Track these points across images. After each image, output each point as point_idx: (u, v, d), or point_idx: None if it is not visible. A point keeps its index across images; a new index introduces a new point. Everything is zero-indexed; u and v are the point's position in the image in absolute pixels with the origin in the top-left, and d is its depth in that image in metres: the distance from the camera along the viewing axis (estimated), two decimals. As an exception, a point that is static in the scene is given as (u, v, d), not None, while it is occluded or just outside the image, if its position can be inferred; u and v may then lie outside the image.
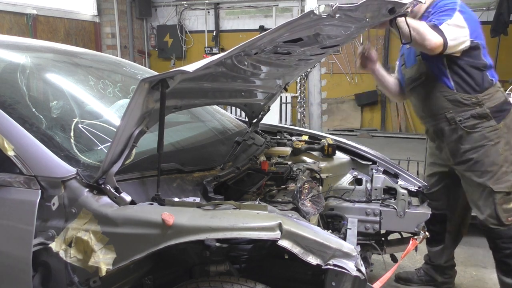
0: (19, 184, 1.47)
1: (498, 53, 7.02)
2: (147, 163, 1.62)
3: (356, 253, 1.31)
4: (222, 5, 9.45)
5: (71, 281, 1.39)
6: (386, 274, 2.03)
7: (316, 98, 5.48)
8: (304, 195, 1.87)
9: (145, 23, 9.91)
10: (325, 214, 2.28)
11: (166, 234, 1.31)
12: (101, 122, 1.85)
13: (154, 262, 1.56)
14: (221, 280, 1.48)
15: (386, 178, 2.42)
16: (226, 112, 2.95)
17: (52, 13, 7.77)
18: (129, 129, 1.41)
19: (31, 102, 1.76)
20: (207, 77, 1.77)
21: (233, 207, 1.39)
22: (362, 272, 1.30)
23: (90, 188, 1.43)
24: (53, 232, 1.42)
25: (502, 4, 6.61)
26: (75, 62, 2.33)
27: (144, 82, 1.32)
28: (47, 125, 1.67)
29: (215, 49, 9.06)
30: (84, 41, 8.56)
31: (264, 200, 1.75)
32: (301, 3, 8.65)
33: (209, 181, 1.69)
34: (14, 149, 1.47)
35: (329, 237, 1.33)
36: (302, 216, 1.58)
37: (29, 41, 2.79)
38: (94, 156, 1.62)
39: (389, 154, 2.86)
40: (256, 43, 1.48)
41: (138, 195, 1.51)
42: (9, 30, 6.94)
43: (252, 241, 1.47)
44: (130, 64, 2.90)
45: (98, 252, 1.35)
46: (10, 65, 2.00)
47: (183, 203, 1.44)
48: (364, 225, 2.34)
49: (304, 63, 2.36)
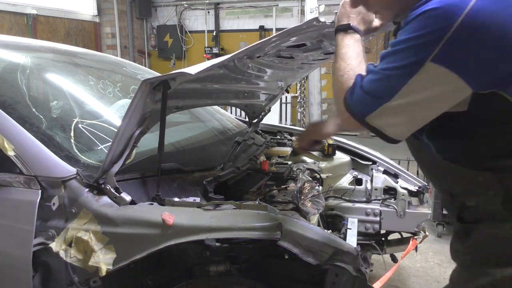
0: (19, 184, 1.47)
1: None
2: (147, 163, 1.62)
3: (356, 253, 1.31)
4: (222, 5, 9.45)
5: (71, 281, 1.39)
6: (386, 274, 2.04)
7: (316, 98, 5.50)
8: (304, 195, 1.87)
9: (145, 23, 9.91)
10: (325, 214, 2.28)
11: (166, 234, 1.31)
12: (101, 122, 1.86)
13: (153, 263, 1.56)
14: (221, 280, 1.48)
15: (386, 178, 2.42)
16: (226, 112, 2.95)
17: (52, 13, 7.77)
18: (130, 129, 1.41)
19: (31, 102, 1.76)
20: (209, 78, 1.78)
21: (233, 207, 1.39)
22: (362, 272, 1.30)
23: (90, 188, 1.43)
24: (53, 232, 1.42)
25: (502, 4, 6.62)
26: (75, 62, 2.33)
27: (146, 83, 1.32)
28: (47, 125, 1.67)
29: (215, 49, 9.06)
30: (84, 41, 8.56)
31: (264, 200, 1.75)
32: (301, 3, 8.64)
33: (209, 181, 1.69)
34: (14, 149, 1.47)
35: (329, 237, 1.33)
36: (302, 216, 1.58)
37: (29, 41, 2.79)
38: (94, 156, 1.62)
39: (389, 154, 2.86)
40: (259, 49, 1.48)
41: (138, 195, 1.51)
42: (9, 30, 6.94)
43: (252, 241, 1.47)
44: (130, 64, 2.90)
45: (98, 252, 1.35)
46: (10, 65, 2.00)
47: (183, 203, 1.44)
48: (364, 225, 2.34)
49: (307, 66, 2.36)
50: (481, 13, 0.82)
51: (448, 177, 1.11)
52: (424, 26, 0.88)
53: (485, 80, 0.87)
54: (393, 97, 0.93)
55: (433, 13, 0.86)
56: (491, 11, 0.83)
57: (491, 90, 0.88)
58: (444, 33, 0.85)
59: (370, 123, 0.97)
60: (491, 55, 0.85)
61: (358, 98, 0.99)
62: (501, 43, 0.84)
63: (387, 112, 0.95)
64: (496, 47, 0.84)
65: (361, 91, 0.98)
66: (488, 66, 0.86)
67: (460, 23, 0.83)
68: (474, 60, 0.85)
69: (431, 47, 0.86)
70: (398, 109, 0.94)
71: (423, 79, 0.89)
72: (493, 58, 0.85)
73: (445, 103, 0.93)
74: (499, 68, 0.86)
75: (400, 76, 0.92)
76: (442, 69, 0.87)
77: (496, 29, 0.83)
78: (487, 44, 0.84)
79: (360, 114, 0.98)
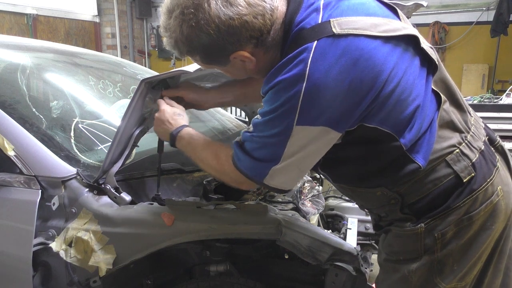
0: (19, 184, 1.47)
1: (498, 53, 7.01)
2: (147, 163, 1.62)
3: (356, 253, 1.31)
4: (222, 5, 9.43)
5: (71, 281, 1.39)
6: (386, 274, 2.03)
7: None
8: (304, 195, 1.87)
9: (145, 23, 9.90)
10: (325, 214, 2.28)
11: (166, 234, 1.31)
12: (101, 122, 1.86)
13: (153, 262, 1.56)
14: (221, 280, 1.48)
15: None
16: (226, 112, 2.95)
17: (52, 13, 7.77)
18: (130, 129, 1.41)
19: (31, 102, 1.76)
20: (207, 77, 1.78)
21: (233, 207, 1.39)
22: (362, 272, 1.30)
23: (90, 188, 1.43)
24: (53, 232, 1.42)
25: (502, 4, 6.60)
26: (75, 62, 2.33)
27: (145, 82, 1.32)
28: (47, 125, 1.67)
29: (215, 49, 9.04)
30: (84, 41, 8.55)
31: (264, 200, 1.75)
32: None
33: (209, 181, 1.69)
34: (14, 149, 1.47)
35: (329, 237, 1.33)
36: (302, 216, 1.58)
37: (29, 41, 2.79)
38: (94, 156, 1.62)
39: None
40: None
41: (138, 195, 1.51)
42: (9, 30, 6.94)
43: (252, 241, 1.47)
44: (130, 64, 2.90)
45: (98, 252, 1.35)
46: (10, 65, 2.00)
47: (183, 203, 1.44)
48: (364, 225, 2.33)
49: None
50: (317, 76, 0.94)
51: (355, 197, 1.28)
52: (278, 98, 0.99)
53: (348, 123, 1.00)
54: (280, 160, 1.04)
55: (280, 86, 0.98)
56: (325, 72, 0.94)
57: (356, 125, 1.01)
58: (296, 101, 0.96)
59: (269, 184, 1.09)
60: (342, 105, 0.97)
61: (249, 164, 1.09)
62: (344, 95, 0.95)
63: (278, 172, 1.06)
64: (342, 98, 0.95)
65: (249, 158, 1.08)
66: (345, 113, 0.98)
67: (304, 89, 0.94)
68: (331, 113, 0.97)
69: (292, 113, 0.98)
70: (287, 167, 1.05)
71: (297, 140, 1.00)
72: (346, 106, 0.97)
73: (324, 149, 1.05)
74: (354, 112, 0.98)
75: (277, 143, 1.03)
76: (309, 128, 0.99)
77: (337, 85, 0.95)
78: (334, 97, 0.95)
79: (257, 179, 1.09)
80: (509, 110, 4.24)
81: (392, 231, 1.16)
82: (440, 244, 1.08)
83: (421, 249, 1.10)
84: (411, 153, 1.05)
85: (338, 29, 0.95)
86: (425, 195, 1.09)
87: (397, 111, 1.01)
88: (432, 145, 1.07)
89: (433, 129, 1.07)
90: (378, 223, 1.24)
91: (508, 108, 4.31)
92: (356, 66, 0.94)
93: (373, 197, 1.16)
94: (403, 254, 1.14)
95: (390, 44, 0.98)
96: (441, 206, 1.08)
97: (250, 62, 1.07)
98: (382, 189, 1.12)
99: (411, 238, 1.10)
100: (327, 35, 0.95)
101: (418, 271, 1.10)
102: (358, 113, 0.98)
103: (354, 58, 0.94)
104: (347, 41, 0.95)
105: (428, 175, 1.08)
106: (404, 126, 1.03)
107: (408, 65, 1.02)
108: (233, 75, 1.21)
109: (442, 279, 1.10)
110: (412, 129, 1.03)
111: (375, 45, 0.96)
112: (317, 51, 0.95)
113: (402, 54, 1.01)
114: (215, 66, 1.16)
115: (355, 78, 0.94)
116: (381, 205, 1.17)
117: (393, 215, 1.15)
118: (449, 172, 1.07)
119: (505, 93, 4.89)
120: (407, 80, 1.01)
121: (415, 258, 1.11)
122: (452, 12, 7.13)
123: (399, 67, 0.99)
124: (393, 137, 1.03)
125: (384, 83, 0.97)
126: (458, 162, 1.07)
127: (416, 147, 1.05)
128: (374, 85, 0.96)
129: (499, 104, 4.56)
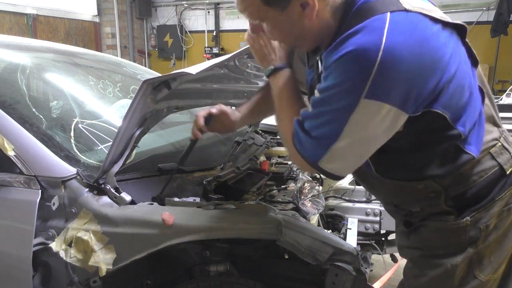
0: (19, 184, 1.47)
1: (498, 53, 7.01)
2: (147, 163, 1.62)
3: (356, 253, 1.31)
4: (222, 5, 9.44)
5: (71, 281, 1.39)
6: (386, 274, 2.04)
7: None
8: (304, 195, 1.88)
9: (145, 23, 9.90)
10: (325, 214, 2.27)
11: (166, 234, 1.31)
12: (101, 122, 1.86)
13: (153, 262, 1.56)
14: (221, 280, 1.48)
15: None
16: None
17: (52, 13, 7.77)
18: (131, 129, 1.41)
19: (31, 102, 1.76)
20: (209, 78, 1.78)
21: (233, 207, 1.39)
22: (362, 272, 1.30)
23: (90, 188, 1.43)
24: (53, 232, 1.42)
25: (502, 4, 6.60)
26: (75, 62, 2.33)
27: (147, 83, 1.32)
28: (47, 125, 1.67)
29: (215, 49, 9.05)
30: (84, 41, 8.55)
31: (264, 200, 1.75)
32: (301, 3, 8.63)
33: (209, 181, 1.69)
34: (14, 149, 1.47)
35: (329, 237, 1.33)
36: (302, 216, 1.58)
37: (29, 41, 2.79)
38: (94, 156, 1.62)
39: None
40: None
41: (138, 195, 1.51)
42: (9, 30, 6.94)
43: (252, 241, 1.47)
44: (130, 64, 2.90)
45: (98, 252, 1.35)
46: (10, 65, 2.00)
47: (183, 203, 1.44)
48: (364, 225, 2.33)
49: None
50: (394, 46, 0.90)
51: (389, 191, 1.21)
52: (348, 69, 0.94)
53: (416, 103, 0.96)
54: (339, 138, 0.98)
55: (351, 55, 0.92)
56: (402, 44, 0.91)
57: (423, 110, 0.97)
58: (369, 71, 0.90)
59: (323, 167, 1.03)
60: (414, 80, 0.93)
61: (306, 144, 1.04)
62: (418, 70, 0.92)
63: (336, 154, 1.00)
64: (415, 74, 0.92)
65: (307, 137, 1.03)
66: (414, 91, 0.94)
67: (380, 59, 0.89)
68: (402, 89, 0.93)
69: (362, 85, 0.92)
70: (346, 149, 1.00)
71: (362, 116, 0.95)
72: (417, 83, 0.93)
73: (387, 132, 0.99)
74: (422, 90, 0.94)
75: (339, 118, 0.97)
76: (377, 103, 0.93)
77: (412, 58, 0.91)
78: (407, 71, 0.91)
79: (312, 159, 1.03)
80: (509, 110, 4.24)
81: (429, 226, 1.12)
82: (484, 236, 1.09)
83: (465, 242, 1.09)
84: (464, 144, 1.05)
85: (408, 6, 0.95)
86: (470, 187, 1.09)
87: (457, 97, 1.01)
88: (482, 137, 1.08)
89: (482, 121, 1.09)
90: (409, 220, 1.19)
91: (508, 108, 4.31)
92: (427, 43, 0.94)
93: (413, 190, 1.12)
94: (443, 249, 1.11)
95: (447, 29, 1.00)
96: (486, 198, 1.09)
97: (310, 11, 1.00)
98: (428, 181, 1.09)
99: (455, 232, 1.09)
100: (400, 9, 0.94)
101: (462, 263, 1.09)
102: (426, 92, 0.95)
103: (425, 35, 0.94)
104: (418, 18, 0.95)
105: (474, 167, 1.08)
106: (461, 113, 1.03)
107: (462, 53, 1.04)
108: (279, 28, 1.08)
109: (481, 271, 1.10)
110: (468, 117, 1.04)
111: (438, 28, 0.98)
112: (392, 22, 0.92)
113: (457, 42, 1.03)
114: (272, 10, 1.03)
115: (426, 55, 0.93)
116: (417, 199, 1.13)
117: (432, 208, 1.12)
118: (494, 164, 1.10)
119: (505, 93, 4.89)
120: (463, 67, 1.02)
121: (458, 252, 1.09)
122: (452, 12, 7.12)
123: (456, 53, 1.00)
124: (451, 126, 1.02)
125: (447, 65, 0.97)
126: (501, 154, 1.11)
127: (469, 138, 1.06)
128: (440, 65, 0.96)
129: (499, 104, 4.56)
